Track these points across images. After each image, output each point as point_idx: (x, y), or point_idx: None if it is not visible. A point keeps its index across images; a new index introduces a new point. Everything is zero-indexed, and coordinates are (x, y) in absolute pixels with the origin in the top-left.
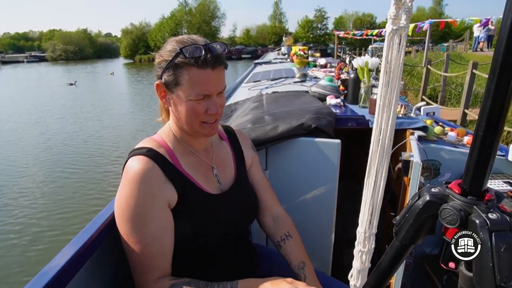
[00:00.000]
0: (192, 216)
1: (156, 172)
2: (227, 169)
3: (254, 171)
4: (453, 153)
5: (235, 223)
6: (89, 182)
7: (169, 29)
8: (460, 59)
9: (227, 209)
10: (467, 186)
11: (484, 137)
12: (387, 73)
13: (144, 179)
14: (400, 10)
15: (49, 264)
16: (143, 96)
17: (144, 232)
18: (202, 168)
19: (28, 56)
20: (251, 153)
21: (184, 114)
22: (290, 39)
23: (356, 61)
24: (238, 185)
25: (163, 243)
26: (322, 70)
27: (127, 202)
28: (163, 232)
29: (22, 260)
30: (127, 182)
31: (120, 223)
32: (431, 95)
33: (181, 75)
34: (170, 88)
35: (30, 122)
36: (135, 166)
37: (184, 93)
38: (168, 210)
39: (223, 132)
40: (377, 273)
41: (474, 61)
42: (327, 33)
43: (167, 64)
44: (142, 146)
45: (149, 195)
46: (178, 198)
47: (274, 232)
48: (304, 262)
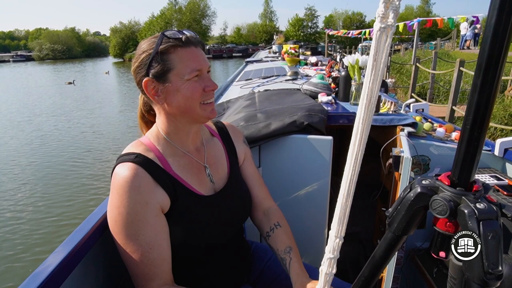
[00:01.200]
0: (185, 220)
1: (145, 179)
2: (220, 168)
3: (247, 166)
4: (442, 149)
5: (230, 223)
6: (84, 178)
7: (158, 27)
8: (448, 57)
9: (221, 210)
10: (456, 178)
11: (471, 131)
12: (375, 68)
13: (134, 187)
14: (388, 8)
15: (41, 266)
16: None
17: (140, 240)
18: (194, 169)
19: (14, 55)
20: (244, 148)
21: (183, 99)
22: (281, 37)
23: (347, 59)
24: (232, 183)
25: (161, 249)
26: (313, 68)
27: (119, 211)
28: (160, 238)
29: (12, 263)
30: (116, 191)
31: (115, 233)
32: (420, 93)
33: (169, 60)
34: (161, 79)
35: (43, 121)
36: (124, 173)
37: (178, 75)
38: (162, 215)
39: (214, 128)
40: (371, 264)
41: (461, 59)
42: (317, 31)
43: (153, 55)
44: (130, 151)
45: (140, 202)
46: (170, 202)
47: (264, 224)
48: (291, 246)
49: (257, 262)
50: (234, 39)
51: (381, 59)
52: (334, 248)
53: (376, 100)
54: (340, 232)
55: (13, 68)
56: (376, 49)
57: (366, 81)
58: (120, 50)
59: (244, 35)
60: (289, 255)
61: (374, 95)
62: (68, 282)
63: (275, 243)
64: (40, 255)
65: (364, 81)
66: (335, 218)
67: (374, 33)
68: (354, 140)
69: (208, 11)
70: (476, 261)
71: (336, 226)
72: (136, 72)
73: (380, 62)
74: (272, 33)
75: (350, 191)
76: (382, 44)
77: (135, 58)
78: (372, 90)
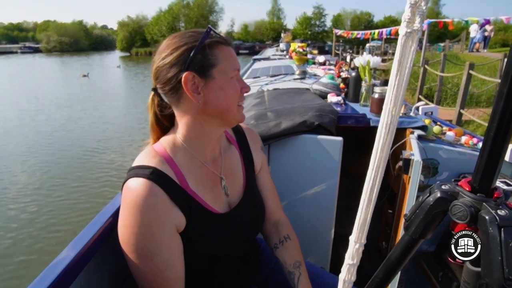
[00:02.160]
0: (199, 238)
1: (162, 198)
2: (236, 179)
3: (263, 176)
4: (451, 153)
5: (244, 237)
6: (94, 174)
7: (166, 22)
8: (456, 60)
9: (236, 227)
10: (477, 184)
11: (494, 138)
12: (400, 74)
13: (150, 207)
14: (415, 13)
15: (52, 263)
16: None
17: (155, 260)
18: (209, 181)
19: (22, 47)
20: (261, 156)
21: (225, 97)
22: (289, 35)
23: (357, 59)
24: (247, 196)
25: (175, 268)
26: (321, 67)
27: (133, 231)
28: (175, 257)
29: (24, 257)
30: (130, 209)
31: (128, 252)
32: (427, 95)
33: (214, 55)
34: (203, 74)
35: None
36: (138, 191)
37: (223, 72)
38: (177, 235)
39: (231, 133)
40: (386, 266)
41: (470, 62)
42: (325, 30)
43: (198, 47)
44: (144, 164)
45: (156, 223)
46: (185, 222)
47: (273, 235)
48: (300, 261)
49: (266, 261)
50: (241, 36)
51: (406, 64)
52: (353, 254)
53: (401, 106)
54: (361, 238)
55: (22, 59)
56: (401, 54)
57: (390, 85)
58: (127, 44)
59: (251, 32)
60: (298, 270)
61: (399, 101)
62: (78, 280)
63: (284, 256)
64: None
65: (389, 86)
66: (356, 223)
67: (399, 37)
68: (377, 146)
69: (215, 7)
70: (496, 267)
71: (356, 231)
72: (169, 66)
73: (405, 67)
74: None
75: (372, 197)
76: (408, 49)
77: (168, 52)
78: (397, 96)
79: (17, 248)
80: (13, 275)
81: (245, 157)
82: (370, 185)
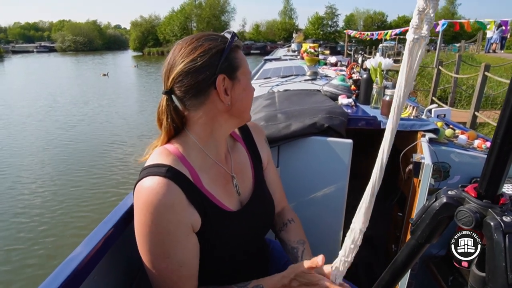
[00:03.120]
0: (213, 237)
1: (179, 196)
2: (246, 176)
3: (269, 170)
4: (463, 156)
5: (255, 235)
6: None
7: (178, 22)
8: (472, 61)
9: (248, 224)
10: (483, 190)
11: (501, 145)
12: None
13: (167, 205)
14: (423, 20)
15: (67, 259)
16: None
17: (171, 259)
18: (222, 180)
19: (38, 46)
20: (267, 151)
21: (247, 98)
22: (300, 35)
23: (369, 61)
24: (257, 193)
25: (190, 266)
26: (332, 68)
27: (150, 230)
28: (190, 256)
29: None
30: (146, 208)
31: (144, 251)
32: (440, 96)
33: (237, 58)
34: (232, 76)
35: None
36: (155, 189)
37: (245, 74)
38: (193, 234)
39: (236, 129)
40: (392, 269)
41: (486, 63)
42: (337, 30)
43: (225, 51)
44: (159, 162)
45: (173, 222)
46: (201, 222)
47: (277, 222)
48: (304, 240)
49: (275, 261)
50: (253, 36)
51: (413, 69)
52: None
53: (402, 108)
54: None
55: (38, 58)
56: (408, 58)
57: (398, 88)
58: (140, 43)
59: (263, 32)
60: (302, 246)
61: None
62: (89, 278)
63: (287, 236)
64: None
65: (396, 89)
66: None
67: (407, 43)
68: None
69: (227, 7)
70: (500, 273)
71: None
72: (199, 69)
73: (412, 72)
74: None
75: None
76: (415, 55)
77: (195, 55)
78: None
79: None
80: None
81: (252, 153)
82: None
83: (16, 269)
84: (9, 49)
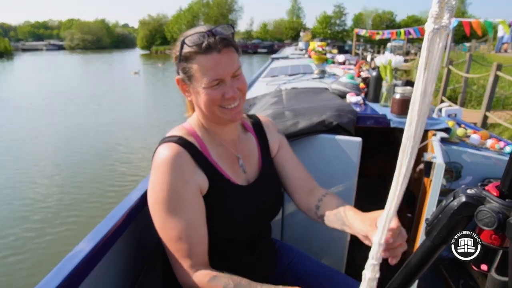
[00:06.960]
0: (219, 206)
1: (186, 159)
2: (252, 160)
3: (284, 153)
4: (476, 156)
5: (260, 216)
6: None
7: (186, 21)
8: (483, 60)
9: (253, 202)
10: (506, 189)
11: None
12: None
13: (176, 165)
14: (443, 8)
15: (68, 255)
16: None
17: (179, 216)
18: (228, 158)
19: (47, 44)
20: (278, 137)
21: (202, 103)
22: (308, 34)
23: (379, 59)
24: (264, 176)
25: (198, 227)
26: (340, 67)
27: (161, 188)
28: (198, 216)
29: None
30: (158, 168)
31: (155, 209)
32: (450, 96)
33: (191, 66)
34: (186, 81)
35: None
36: (166, 152)
37: (198, 83)
38: (200, 195)
39: (249, 122)
40: (405, 271)
41: (498, 62)
42: (345, 29)
43: (178, 59)
44: (173, 134)
45: (181, 181)
46: (208, 185)
47: (310, 202)
48: (342, 202)
49: (281, 259)
50: (260, 34)
51: (434, 62)
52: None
53: (429, 105)
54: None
55: (48, 56)
56: (428, 51)
57: (417, 84)
58: (148, 42)
59: (270, 31)
60: (343, 208)
61: (426, 100)
62: (100, 265)
63: (327, 209)
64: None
65: (415, 85)
66: (379, 226)
67: (426, 34)
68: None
69: (235, 5)
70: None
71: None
72: (175, 65)
73: (433, 65)
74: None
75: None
76: (435, 47)
77: (173, 51)
78: (425, 95)
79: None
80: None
81: (261, 141)
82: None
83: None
84: (19, 47)
